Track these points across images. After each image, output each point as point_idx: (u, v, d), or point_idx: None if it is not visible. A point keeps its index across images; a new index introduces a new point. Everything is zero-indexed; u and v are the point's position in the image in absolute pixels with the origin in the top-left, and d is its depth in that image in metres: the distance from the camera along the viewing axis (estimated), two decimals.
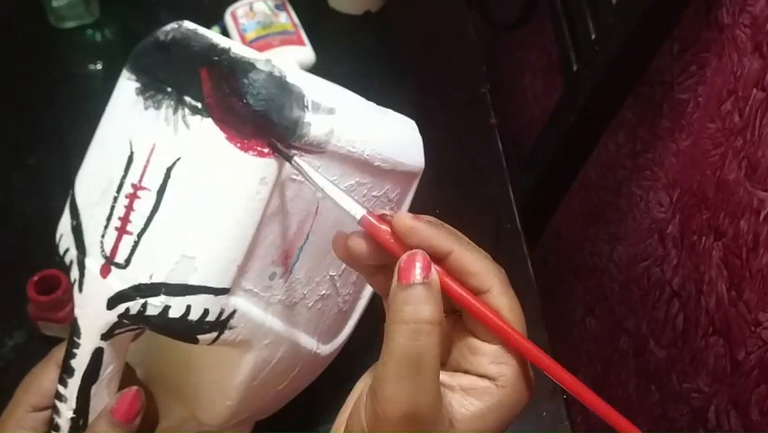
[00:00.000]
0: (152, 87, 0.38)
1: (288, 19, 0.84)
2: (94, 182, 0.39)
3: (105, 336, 0.38)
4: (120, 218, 0.37)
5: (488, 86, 0.85)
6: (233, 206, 0.36)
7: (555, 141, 0.82)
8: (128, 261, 0.37)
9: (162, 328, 0.37)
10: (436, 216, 0.35)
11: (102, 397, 0.40)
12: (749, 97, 0.61)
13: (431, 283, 0.32)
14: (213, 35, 0.39)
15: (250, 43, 0.81)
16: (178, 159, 0.36)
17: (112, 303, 0.37)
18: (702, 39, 0.68)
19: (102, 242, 0.38)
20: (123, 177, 0.38)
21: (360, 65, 0.87)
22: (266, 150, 0.35)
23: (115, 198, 0.38)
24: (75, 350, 0.39)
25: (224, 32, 0.85)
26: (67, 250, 0.40)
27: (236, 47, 0.37)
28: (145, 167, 0.37)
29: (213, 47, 0.37)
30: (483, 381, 0.33)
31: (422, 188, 0.52)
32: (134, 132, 0.38)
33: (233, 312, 0.38)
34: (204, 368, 0.45)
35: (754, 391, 0.62)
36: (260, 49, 0.80)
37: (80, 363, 0.39)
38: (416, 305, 0.31)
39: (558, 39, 0.86)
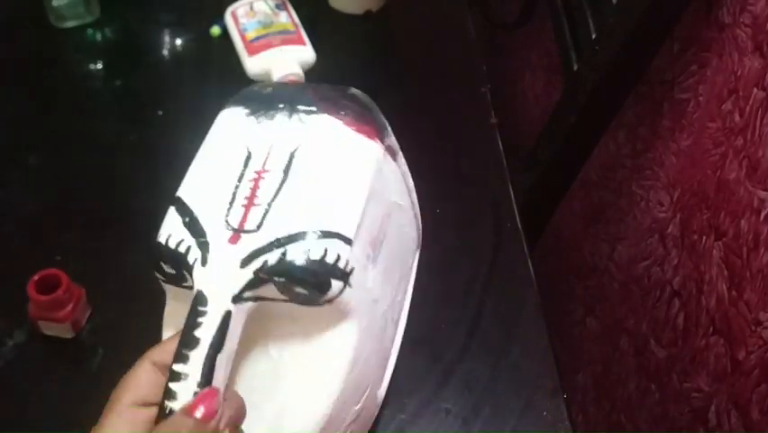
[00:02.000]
0: (264, 107, 0.46)
1: (288, 18, 0.84)
2: (207, 185, 0.43)
3: (235, 299, 0.40)
4: (246, 197, 0.42)
5: (488, 85, 0.85)
6: (355, 173, 0.44)
7: (555, 141, 0.82)
8: (260, 225, 0.41)
9: (302, 272, 0.40)
10: (436, 216, 0.35)
11: (219, 375, 0.39)
12: (750, 97, 0.61)
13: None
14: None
15: (250, 42, 0.81)
16: (299, 146, 0.44)
17: (246, 261, 0.40)
18: (703, 38, 0.68)
19: (227, 220, 0.41)
20: (243, 170, 0.43)
21: (360, 65, 0.87)
22: (372, 135, 0.46)
23: (237, 186, 0.42)
24: (200, 319, 0.39)
25: (225, 32, 0.85)
26: (180, 242, 0.41)
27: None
28: (266, 158, 0.43)
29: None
30: None
31: (422, 188, 0.53)
32: (250, 138, 0.44)
33: (353, 269, 0.41)
34: (295, 374, 0.44)
35: (754, 391, 0.62)
36: (261, 48, 0.81)
37: (207, 330, 0.39)
38: None
39: (558, 38, 0.86)
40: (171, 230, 0.42)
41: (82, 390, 0.57)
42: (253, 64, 0.80)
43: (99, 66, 0.84)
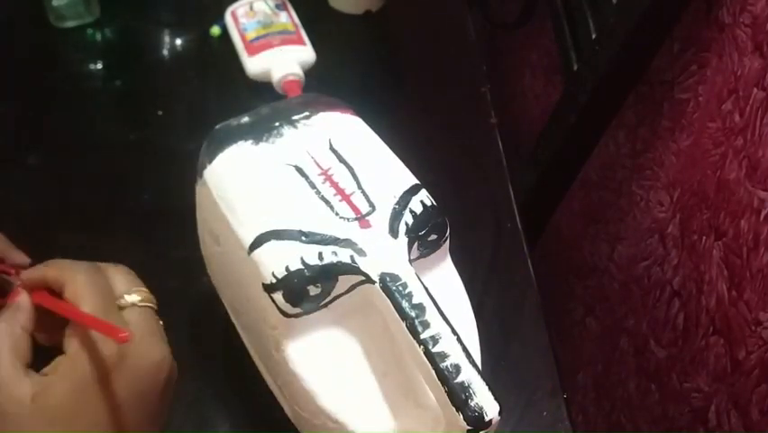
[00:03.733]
0: (264, 131, 0.49)
1: (288, 18, 0.84)
2: (285, 207, 0.45)
3: (410, 262, 0.44)
4: (336, 194, 0.46)
5: (488, 85, 0.85)
6: (375, 139, 0.51)
7: (555, 141, 0.82)
8: (372, 204, 0.45)
9: (437, 214, 0.47)
10: None
11: None
12: (749, 97, 0.61)
13: (13, 303, 0.42)
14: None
15: (250, 42, 0.81)
16: (329, 140, 0.49)
17: (393, 231, 0.45)
18: (703, 38, 0.68)
19: (340, 216, 0.45)
20: (307, 179, 0.46)
21: (360, 65, 0.87)
22: (352, 112, 0.52)
23: (318, 192, 0.46)
24: (407, 290, 0.42)
25: (225, 32, 0.85)
26: (320, 254, 0.43)
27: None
28: (315, 161, 0.47)
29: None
30: (61, 357, 0.40)
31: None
32: (282, 156, 0.48)
33: None
34: None
35: (754, 391, 0.62)
36: (261, 48, 0.80)
37: (420, 293, 0.42)
38: None
39: (558, 38, 0.85)
40: (293, 255, 0.43)
41: None
42: (253, 64, 0.80)
43: (99, 66, 0.84)
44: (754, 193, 0.61)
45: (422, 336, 0.40)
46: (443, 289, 0.48)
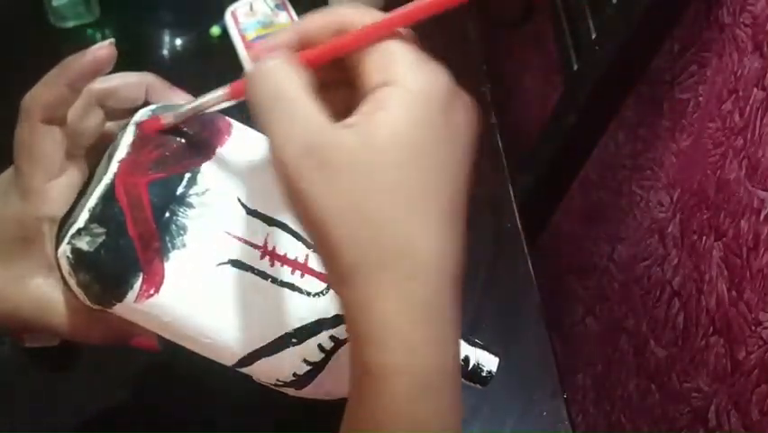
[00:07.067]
0: (165, 234, 0.38)
1: (288, 18, 0.84)
2: (259, 322, 0.39)
3: None
4: (291, 272, 0.39)
5: (488, 85, 0.85)
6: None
7: (555, 141, 0.82)
8: None
9: None
10: None
11: None
12: (750, 97, 0.61)
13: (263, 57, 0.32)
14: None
15: (250, 42, 0.81)
16: (238, 197, 0.39)
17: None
18: (703, 38, 0.68)
19: (311, 293, 0.39)
20: (252, 270, 0.39)
21: None
22: None
23: (274, 279, 0.38)
24: None
25: (225, 32, 0.85)
26: (320, 347, 0.39)
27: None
28: (246, 241, 0.39)
29: None
30: (375, 93, 0.30)
31: None
32: (209, 260, 0.40)
33: None
34: None
35: (754, 391, 0.62)
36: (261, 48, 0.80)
37: None
38: (261, 62, 0.32)
39: (558, 38, 0.85)
40: (294, 361, 0.40)
41: (71, 394, 0.56)
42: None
43: None
44: (754, 193, 0.61)
45: None
46: None
